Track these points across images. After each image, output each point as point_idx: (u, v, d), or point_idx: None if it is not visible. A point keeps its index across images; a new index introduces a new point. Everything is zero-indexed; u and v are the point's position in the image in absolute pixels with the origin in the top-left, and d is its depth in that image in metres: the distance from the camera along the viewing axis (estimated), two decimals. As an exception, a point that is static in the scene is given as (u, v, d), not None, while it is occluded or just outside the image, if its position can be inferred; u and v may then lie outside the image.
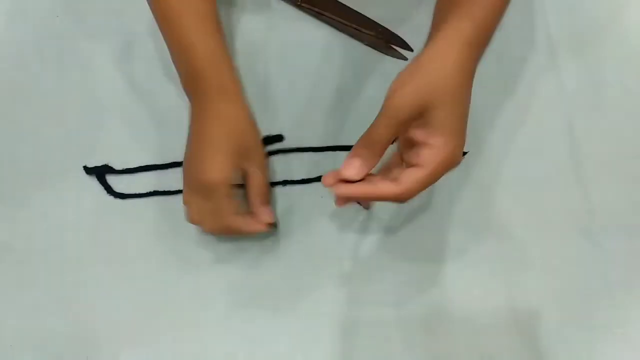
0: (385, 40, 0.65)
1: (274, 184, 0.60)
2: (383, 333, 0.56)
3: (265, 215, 0.54)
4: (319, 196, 0.60)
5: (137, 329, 0.56)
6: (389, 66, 0.65)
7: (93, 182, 0.60)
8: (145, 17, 0.59)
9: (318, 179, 0.60)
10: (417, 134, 0.43)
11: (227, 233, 0.55)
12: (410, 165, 0.44)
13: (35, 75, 0.63)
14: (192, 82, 0.53)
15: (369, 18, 0.65)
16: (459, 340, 0.56)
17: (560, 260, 0.59)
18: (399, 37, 0.65)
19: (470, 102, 0.45)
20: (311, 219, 0.59)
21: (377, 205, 0.59)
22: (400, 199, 0.44)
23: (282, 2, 0.66)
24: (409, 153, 0.45)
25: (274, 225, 0.56)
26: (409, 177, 0.43)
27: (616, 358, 0.56)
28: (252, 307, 0.57)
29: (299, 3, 0.65)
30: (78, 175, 0.60)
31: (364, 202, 0.57)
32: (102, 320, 0.56)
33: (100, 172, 0.60)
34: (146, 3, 0.56)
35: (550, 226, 0.59)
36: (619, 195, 0.60)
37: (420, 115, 0.42)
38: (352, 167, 0.45)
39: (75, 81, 0.63)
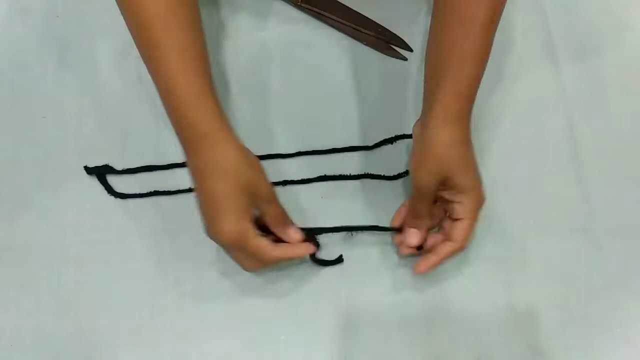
0: (385, 41, 0.65)
1: (275, 184, 0.60)
2: (383, 333, 0.56)
3: (296, 235, 0.55)
4: (319, 196, 0.60)
5: (137, 329, 0.56)
6: (388, 66, 0.65)
7: (93, 182, 0.60)
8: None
9: (318, 179, 0.60)
10: (447, 195, 0.53)
11: (277, 263, 0.55)
12: (452, 217, 0.54)
13: (35, 75, 0.63)
14: (182, 130, 0.52)
15: (368, 18, 0.65)
16: (459, 340, 0.56)
17: (560, 260, 0.59)
18: (398, 37, 0.65)
19: (474, 156, 0.54)
20: (311, 219, 0.59)
21: (377, 205, 0.60)
22: (460, 250, 0.54)
23: (282, 2, 0.66)
24: (448, 206, 0.55)
25: (316, 244, 0.56)
26: (458, 231, 0.53)
27: (616, 358, 0.56)
28: (252, 307, 0.57)
29: (299, 3, 0.65)
30: (78, 175, 0.60)
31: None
32: (102, 320, 0.56)
33: (101, 173, 0.60)
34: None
35: (550, 226, 0.59)
36: (619, 195, 0.60)
37: (443, 183, 0.52)
38: (414, 237, 0.55)
39: (75, 81, 0.63)
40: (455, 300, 0.57)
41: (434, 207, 0.55)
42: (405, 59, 0.65)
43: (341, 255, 0.58)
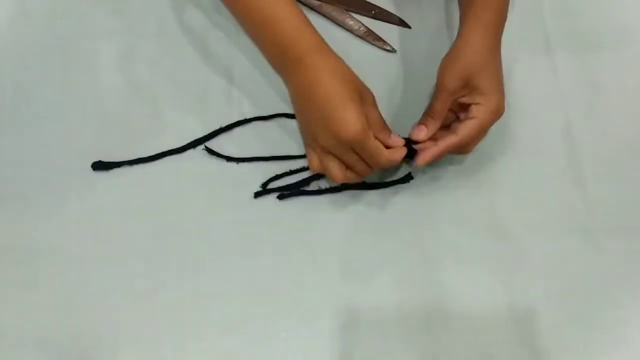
0: (383, 20, 0.66)
1: (274, 188, 0.60)
2: (383, 333, 0.56)
3: (398, 139, 0.56)
4: (319, 195, 0.60)
5: (137, 329, 0.56)
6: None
7: (95, 182, 0.60)
8: (146, 17, 0.59)
9: (317, 177, 0.61)
10: (465, 99, 0.56)
11: (379, 169, 0.58)
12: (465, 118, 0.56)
13: (37, 76, 0.63)
14: (289, 51, 0.56)
15: (365, 1, 0.66)
16: (459, 339, 0.56)
17: (560, 260, 0.59)
18: (395, 15, 0.66)
19: (501, 68, 0.57)
20: (312, 218, 0.59)
21: (378, 205, 0.60)
22: (460, 146, 0.56)
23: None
24: (462, 115, 0.57)
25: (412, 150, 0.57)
26: (465, 128, 0.55)
27: (615, 358, 0.56)
28: (252, 307, 0.57)
29: None
30: (80, 175, 0.60)
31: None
32: (103, 320, 0.56)
33: (107, 168, 0.60)
34: (147, 4, 0.56)
35: (550, 226, 0.60)
36: (618, 195, 0.61)
37: (465, 86, 0.55)
38: (422, 132, 0.56)
39: (78, 82, 0.63)
40: (455, 300, 0.57)
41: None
42: (394, 50, 0.66)
43: (410, 173, 0.60)
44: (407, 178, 0.60)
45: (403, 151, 0.55)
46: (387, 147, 0.55)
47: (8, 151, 0.61)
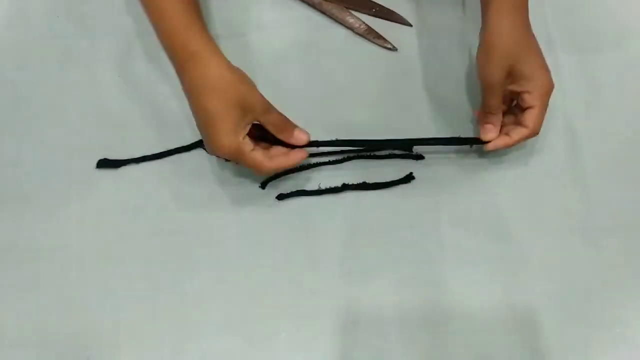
0: (384, 18, 0.66)
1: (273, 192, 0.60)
2: (383, 333, 0.56)
3: (303, 136, 0.56)
4: (319, 195, 0.60)
5: (137, 329, 0.56)
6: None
7: (95, 181, 0.60)
8: (145, 17, 0.59)
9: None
10: (515, 87, 0.55)
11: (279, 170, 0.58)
12: (522, 106, 0.56)
13: (36, 75, 0.63)
14: (173, 53, 0.54)
15: None
16: (458, 339, 0.56)
17: (560, 260, 0.59)
18: (396, 13, 0.65)
19: (536, 44, 0.56)
20: (312, 218, 0.59)
21: (379, 205, 0.60)
22: (533, 134, 0.57)
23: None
24: (517, 98, 0.57)
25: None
26: (531, 117, 0.56)
27: (615, 357, 0.56)
28: (252, 307, 0.57)
29: None
30: (80, 175, 0.60)
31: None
32: (103, 320, 0.56)
33: (113, 166, 0.60)
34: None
35: (550, 226, 0.60)
36: (618, 195, 0.61)
37: (510, 75, 0.54)
38: (490, 132, 0.57)
39: (76, 81, 0.63)
40: (455, 300, 0.57)
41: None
42: (395, 48, 0.65)
43: (411, 173, 0.60)
44: (408, 178, 0.60)
45: (301, 154, 0.56)
46: (293, 145, 0.56)
47: (8, 151, 0.61)
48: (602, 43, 0.66)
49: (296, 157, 0.56)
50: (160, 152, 0.61)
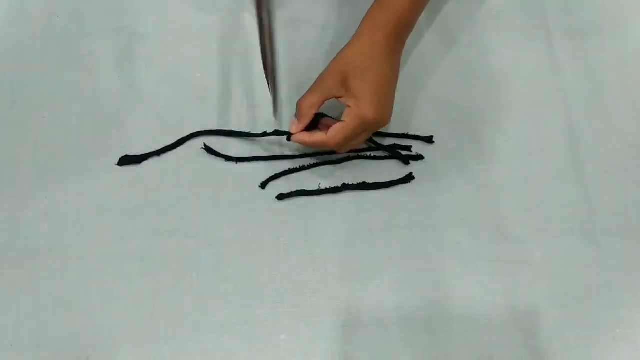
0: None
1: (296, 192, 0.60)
2: (383, 333, 0.56)
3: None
4: (319, 195, 0.60)
5: (137, 329, 0.56)
6: None
7: (93, 181, 0.60)
8: (145, 16, 0.59)
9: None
10: (342, 100, 0.55)
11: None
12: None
13: (35, 75, 0.63)
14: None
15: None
16: (459, 340, 0.56)
17: (560, 260, 0.59)
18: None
19: (391, 76, 0.55)
20: (312, 218, 0.59)
21: (379, 205, 0.60)
22: (327, 144, 0.55)
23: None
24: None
25: None
26: (334, 129, 0.54)
27: (616, 358, 0.56)
28: (251, 307, 0.57)
29: None
30: (78, 175, 0.60)
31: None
32: (102, 320, 0.56)
33: (137, 161, 0.60)
34: (146, 3, 0.56)
35: (550, 226, 0.60)
36: (619, 194, 0.61)
37: (342, 84, 0.54)
38: (293, 125, 0.57)
39: (76, 81, 0.63)
40: (455, 300, 0.57)
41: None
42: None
43: (411, 173, 0.60)
44: (408, 178, 0.60)
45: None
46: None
47: (7, 150, 0.61)
48: (604, 42, 0.66)
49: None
50: (178, 140, 0.61)
